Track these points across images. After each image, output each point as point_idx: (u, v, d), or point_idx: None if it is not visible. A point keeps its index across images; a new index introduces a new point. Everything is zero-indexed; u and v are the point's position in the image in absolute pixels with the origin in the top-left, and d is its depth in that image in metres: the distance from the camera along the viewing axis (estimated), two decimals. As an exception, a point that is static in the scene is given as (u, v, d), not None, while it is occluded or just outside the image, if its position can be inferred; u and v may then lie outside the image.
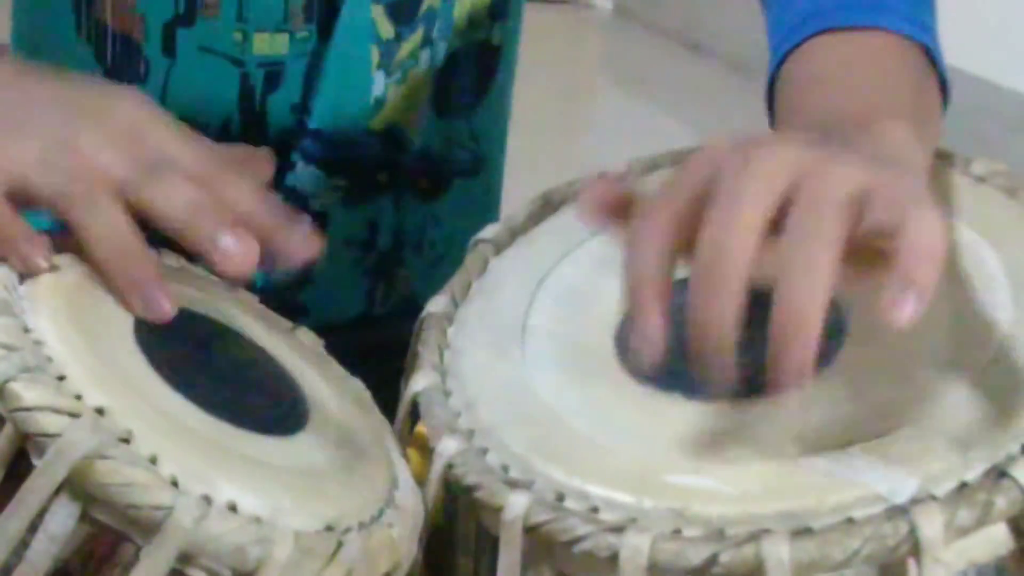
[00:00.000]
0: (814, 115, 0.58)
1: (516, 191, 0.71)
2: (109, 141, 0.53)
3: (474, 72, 0.81)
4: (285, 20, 0.75)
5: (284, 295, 0.77)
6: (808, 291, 0.44)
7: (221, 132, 0.76)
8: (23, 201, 0.52)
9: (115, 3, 0.75)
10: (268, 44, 0.76)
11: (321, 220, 0.79)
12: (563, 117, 2.53)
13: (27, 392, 0.45)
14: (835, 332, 0.53)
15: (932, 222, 0.45)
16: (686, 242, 0.47)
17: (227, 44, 0.76)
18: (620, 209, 0.50)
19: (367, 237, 0.82)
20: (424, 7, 0.77)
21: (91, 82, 0.59)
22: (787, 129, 0.61)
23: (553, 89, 2.53)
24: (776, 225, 0.46)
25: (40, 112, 0.55)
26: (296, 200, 0.78)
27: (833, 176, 0.46)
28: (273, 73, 0.77)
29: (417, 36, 0.77)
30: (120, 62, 0.77)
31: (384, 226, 0.81)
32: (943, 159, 0.61)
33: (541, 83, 1.04)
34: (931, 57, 0.62)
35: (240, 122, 0.77)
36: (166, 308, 0.52)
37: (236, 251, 0.52)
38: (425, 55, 0.78)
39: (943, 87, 0.62)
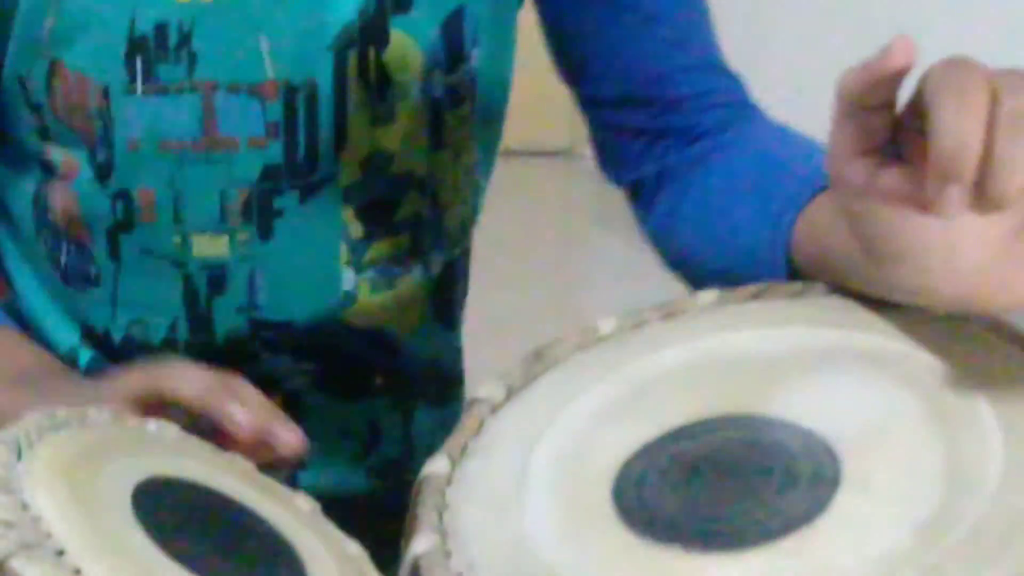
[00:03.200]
0: (852, 247, 0.59)
1: (517, 337, 0.72)
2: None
3: (463, 276, 0.81)
4: (223, 221, 0.73)
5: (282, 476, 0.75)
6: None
7: (169, 333, 0.75)
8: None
9: (64, 209, 0.74)
10: (208, 245, 0.74)
11: (293, 401, 0.78)
12: (558, 265, 2.57)
13: (28, 568, 0.45)
14: (831, 480, 0.53)
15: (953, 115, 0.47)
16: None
17: (167, 247, 0.74)
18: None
19: (367, 436, 0.80)
20: (402, 212, 0.76)
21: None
22: (832, 263, 0.62)
23: (548, 239, 2.58)
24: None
25: None
26: (263, 385, 0.77)
27: None
28: (216, 276, 0.75)
29: (401, 241, 0.76)
30: (74, 266, 0.75)
31: (390, 432, 0.80)
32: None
33: (536, 234, 1.06)
34: None
35: (187, 323, 0.75)
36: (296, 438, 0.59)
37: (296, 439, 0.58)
38: (417, 266, 0.77)
39: None
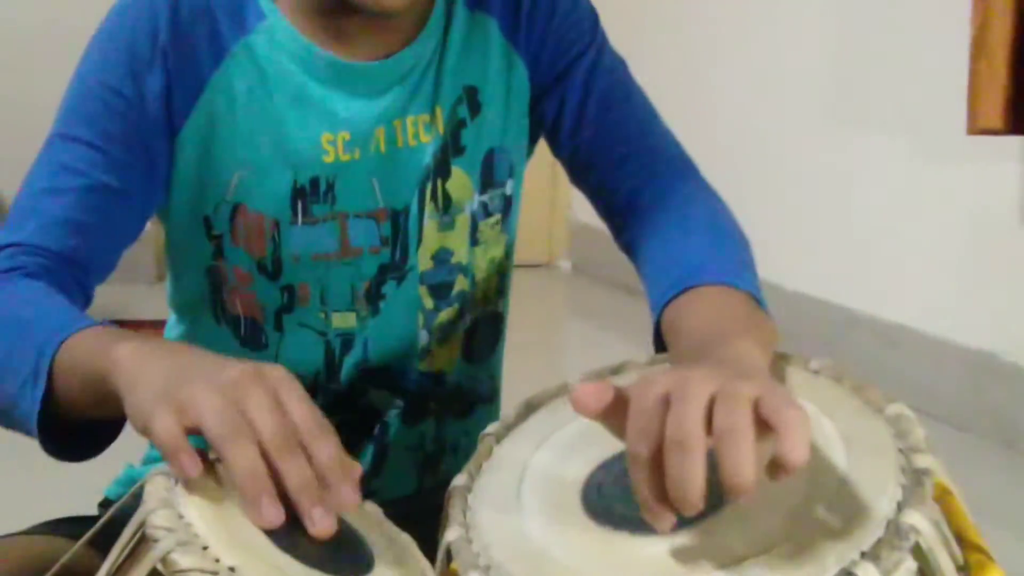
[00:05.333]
0: (695, 336, 0.72)
1: (513, 394, 0.83)
2: (267, 407, 0.60)
3: (489, 332, 0.97)
4: (352, 303, 0.90)
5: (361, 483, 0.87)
6: (742, 449, 0.55)
7: (313, 380, 0.90)
8: (193, 432, 0.61)
9: (243, 300, 0.89)
10: (342, 320, 0.90)
11: (385, 428, 0.93)
12: (541, 345, 2.74)
13: (182, 559, 0.55)
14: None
15: (802, 417, 0.55)
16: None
17: (315, 322, 0.89)
18: (608, 404, 0.60)
19: (418, 443, 0.95)
20: (456, 289, 0.91)
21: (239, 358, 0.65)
22: (678, 344, 0.74)
23: (531, 329, 2.73)
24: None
25: (217, 370, 0.62)
26: (371, 415, 0.92)
27: (740, 387, 0.57)
28: (346, 341, 0.90)
29: (454, 309, 0.92)
30: (249, 336, 0.91)
31: (429, 437, 0.96)
32: (784, 359, 0.70)
33: (522, 326, 1.22)
34: (757, 299, 0.79)
35: (324, 374, 0.91)
36: (273, 517, 0.58)
37: (322, 524, 0.59)
38: (460, 324, 0.93)
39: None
